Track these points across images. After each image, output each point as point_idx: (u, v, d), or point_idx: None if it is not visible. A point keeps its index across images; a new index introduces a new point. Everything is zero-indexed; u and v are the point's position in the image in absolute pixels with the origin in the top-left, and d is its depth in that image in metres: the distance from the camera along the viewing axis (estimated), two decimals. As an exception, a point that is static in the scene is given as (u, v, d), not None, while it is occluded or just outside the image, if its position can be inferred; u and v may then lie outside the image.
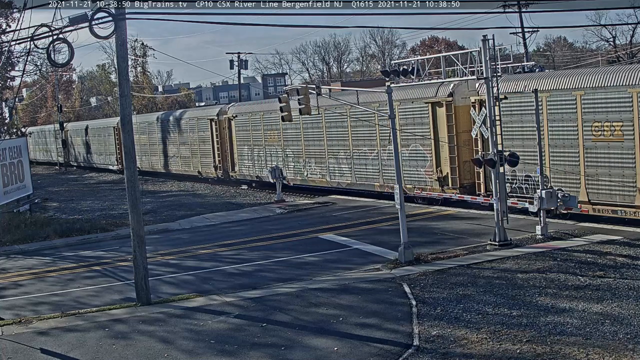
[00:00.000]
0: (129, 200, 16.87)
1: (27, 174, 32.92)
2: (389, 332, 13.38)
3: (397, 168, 19.27)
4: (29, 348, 14.03)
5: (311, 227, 25.15)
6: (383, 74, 28.53)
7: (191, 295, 17.08)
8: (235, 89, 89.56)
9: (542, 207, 19.93)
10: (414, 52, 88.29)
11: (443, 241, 20.94)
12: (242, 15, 73.24)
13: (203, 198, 37.57)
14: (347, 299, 15.61)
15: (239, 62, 66.68)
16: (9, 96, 47.11)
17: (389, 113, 19.42)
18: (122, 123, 16.89)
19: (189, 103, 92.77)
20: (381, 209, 27.95)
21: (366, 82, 78.79)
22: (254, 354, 12.76)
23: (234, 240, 24.23)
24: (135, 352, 13.35)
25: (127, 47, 17.00)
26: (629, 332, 12.20)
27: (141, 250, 16.67)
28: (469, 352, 11.96)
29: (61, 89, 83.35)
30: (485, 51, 19.68)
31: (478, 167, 22.96)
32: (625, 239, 19.06)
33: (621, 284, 15.06)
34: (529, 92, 22.03)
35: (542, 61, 77.58)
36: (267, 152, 37.97)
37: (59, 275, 20.86)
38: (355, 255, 20.19)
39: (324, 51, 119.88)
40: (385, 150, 29.41)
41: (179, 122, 47.37)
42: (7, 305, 17.65)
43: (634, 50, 69.08)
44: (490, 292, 15.23)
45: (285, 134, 36.32)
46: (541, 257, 17.87)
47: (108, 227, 28.92)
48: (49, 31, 16.47)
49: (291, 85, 77.45)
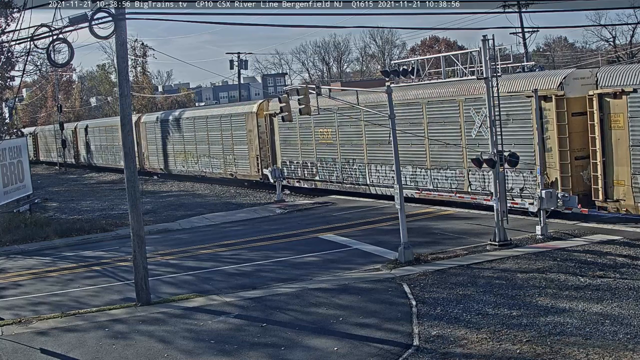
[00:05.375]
0: (129, 200, 16.87)
1: (27, 174, 32.93)
2: (388, 332, 13.37)
3: (397, 168, 19.28)
4: (28, 348, 14.03)
5: (311, 227, 25.14)
6: (383, 74, 28.47)
7: (191, 295, 17.08)
8: (235, 89, 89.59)
9: (542, 207, 19.93)
10: (414, 52, 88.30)
11: (443, 241, 20.94)
12: (242, 15, 73.33)
13: (203, 198, 37.56)
14: (347, 299, 15.61)
15: (239, 62, 66.68)
16: (9, 96, 47.05)
17: (389, 112, 19.42)
18: (122, 123, 16.89)
19: (188, 103, 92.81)
20: (381, 209, 27.94)
21: (366, 82, 78.80)
22: (253, 354, 12.75)
23: (233, 240, 24.23)
24: (135, 352, 13.35)
25: (127, 47, 17.00)
26: (629, 332, 12.20)
27: (141, 250, 16.66)
28: (469, 352, 11.95)
29: (61, 89, 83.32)
30: (485, 51, 19.68)
31: (478, 167, 22.76)
32: (625, 239, 19.06)
33: (621, 284, 15.06)
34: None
35: (542, 61, 77.60)
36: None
37: (58, 276, 20.85)
38: (355, 255, 20.18)
39: (324, 51, 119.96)
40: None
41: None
42: (7, 305, 17.65)
43: (633, 50, 69.07)
44: (490, 292, 15.23)
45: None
46: (541, 257, 17.87)
47: (108, 227, 28.91)
48: (49, 31, 16.48)
49: (291, 85, 77.57)
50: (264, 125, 37.05)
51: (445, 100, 26.05)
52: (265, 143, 37.20)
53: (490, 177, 23.04)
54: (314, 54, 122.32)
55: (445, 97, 26.06)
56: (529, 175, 23.02)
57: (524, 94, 22.73)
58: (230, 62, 66.58)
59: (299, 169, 34.68)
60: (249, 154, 38.43)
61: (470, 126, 24.96)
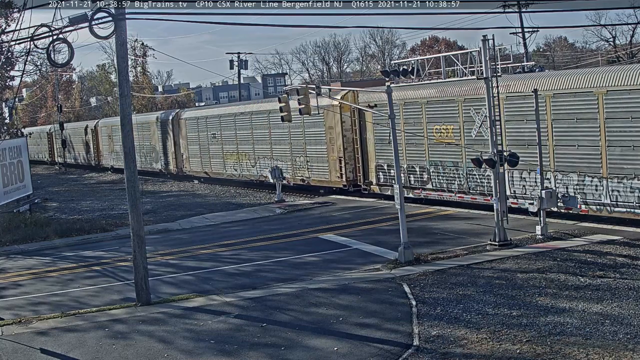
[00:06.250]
0: (129, 200, 16.87)
1: (27, 174, 32.93)
2: (388, 332, 13.37)
3: (397, 168, 19.28)
4: (28, 348, 14.03)
5: (311, 227, 25.14)
6: (383, 74, 28.45)
7: (191, 295, 17.08)
8: (235, 89, 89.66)
9: (542, 207, 19.93)
10: (414, 52, 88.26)
11: (443, 241, 20.93)
12: (242, 15, 73.29)
13: (203, 198, 37.55)
14: (347, 299, 15.61)
15: (239, 62, 66.70)
16: (9, 96, 47.04)
17: (389, 112, 19.42)
18: (122, 123, 16.88)
19: (188, 103, 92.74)
20: (381, 209, 27.94)
21: (366, 82, 78.79)
22: (253, 354, 12.75)
23: (233, 240, 24.23)
24: (135, 352, 13.35)
25: (127, 47, 17.00)
26: (629, 332, 12.20)
27: (141, 250, 16.66)
28: (469, 352, 11.95)
29: (61, 89, 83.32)
30: (485, 51, 19.68)
31: (478, 167, 22.75)
32: (625, 239, 19.06)
33: (621, 284, 15.06)
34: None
35: (542, 61, 77.59)
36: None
37: (58, 276, 20.85)
38: (355, 255, 20.18)
39: (324, 51, 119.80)
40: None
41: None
42: (7, 305, 17.65)
43: (633, 50, 69.07)
44: (490, 292, 15.23)
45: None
46: (541, 257, 17.87)
47: (108, 227, 28.91)
48: (49, 31, 16.47)
49: (291, 85, 77.56)
50: (350, 121, 31.20)
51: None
52: (351, 143, 31.44)
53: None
54: (314, 54, 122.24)
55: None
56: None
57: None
58: (230, 62, 66.61)
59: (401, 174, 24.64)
60: (328, 156, 32.58)
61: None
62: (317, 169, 33.48)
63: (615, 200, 20.64)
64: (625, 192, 20.34)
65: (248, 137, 39.00)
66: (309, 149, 33.96)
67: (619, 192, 20.53)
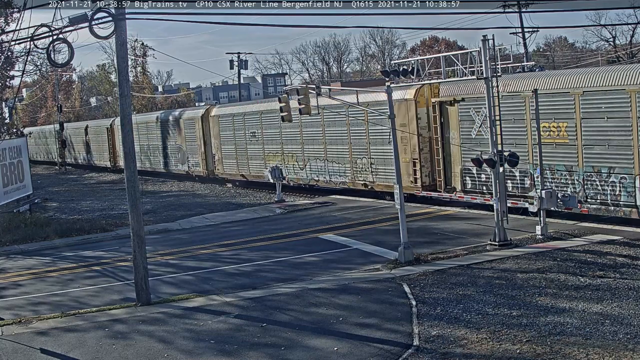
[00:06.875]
0: (129, 200, 16.87)
1: (27, 174, 32.94)
2: (388, 332, 13.37)
3: (397, 168, 19.27)
4: (28, 348, 14.03)
5: (311, 227, 25.15)
6: (383, 74, 28.41)
7: (191, 295, 17.08)
8: (235, 89, 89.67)
9: (542, 207, 19.93)
10: (414, 52, 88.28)
11: (443, 241, 20.93)
12: (241, 15, 73.28)
13: (203, 198, 37.56)
14: (347, 299, 15.61)
15: (239, 62, 66.72)
16: (9, 96, 47.06)
17: (389, 112, 19.41)
18: (122, 123, 16.89)
19: (188, 103, 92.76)
20: (381, 209, 27.93)
21: (366, 82, 78.79)
22: (253, 354, 12.75)
23: (233, 240, 24.23)
24: (135, 352, 13.35)
25: (127, 47, 17.00)
26: (629, 332, 12.20)
27: (141, 250, 16.66)
28: (469, 352, 11.95)
29: (61, 89, 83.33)
30: (485, 51, 19.68)
31: (478, 167, 22.70)
32: (625, 239, 19.06)
33: (621, 284, 15.06)
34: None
35: (542, 61, 77.61)
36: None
37: (58, 276, 20.85)
38: (355, 255, 20.18)
39: (324, 51, 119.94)
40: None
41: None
42: (7, 305, 17.65)
43: (633, 50, 69.08)
44: (490, 292, 15.23)
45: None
46: (541, 257, 17.87)
47: (108, 227, 28.92)
48: (49, 31, 16.47)
49: (291, 85, 77.57)
50: (427, 118, 27.38)
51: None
52: (427, 142, 27.50)
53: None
54: (314, 54, 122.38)
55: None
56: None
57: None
58: (230, 62, 66.62)
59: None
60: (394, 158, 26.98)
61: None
62: (385, 172, 29.03)
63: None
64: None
65: (296, 136, 34.72)
66: (373, 150, 29.72)
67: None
